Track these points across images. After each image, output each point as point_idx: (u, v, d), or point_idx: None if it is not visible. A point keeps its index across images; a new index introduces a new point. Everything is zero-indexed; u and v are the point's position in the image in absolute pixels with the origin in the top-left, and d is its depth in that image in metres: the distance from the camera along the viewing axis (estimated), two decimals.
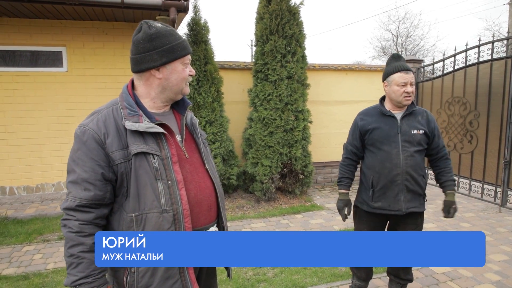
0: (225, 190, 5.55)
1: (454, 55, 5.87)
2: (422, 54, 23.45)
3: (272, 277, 3.22)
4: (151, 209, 1.24)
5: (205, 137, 1.58)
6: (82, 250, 1.20)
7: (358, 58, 52.50)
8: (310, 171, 5.66)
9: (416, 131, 2.35)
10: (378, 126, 2.40)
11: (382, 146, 2.37)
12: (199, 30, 5.27)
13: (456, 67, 5.87)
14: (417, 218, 2.45)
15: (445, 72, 6.11)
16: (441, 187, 2.51)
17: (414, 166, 2.33)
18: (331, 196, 6.03)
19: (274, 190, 5.43)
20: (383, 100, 2.51)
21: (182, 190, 1.29)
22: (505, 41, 5.12)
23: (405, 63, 2.36)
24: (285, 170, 5.48)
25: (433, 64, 6.47)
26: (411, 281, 2.62)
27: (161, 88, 1.34)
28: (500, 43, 5.22)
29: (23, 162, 5.47)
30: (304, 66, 5.62)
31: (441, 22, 39.73)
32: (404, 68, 2.33)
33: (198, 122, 1.60)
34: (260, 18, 5.49)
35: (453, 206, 2.42)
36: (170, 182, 1.27)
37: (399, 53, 23.35)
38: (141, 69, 1.31)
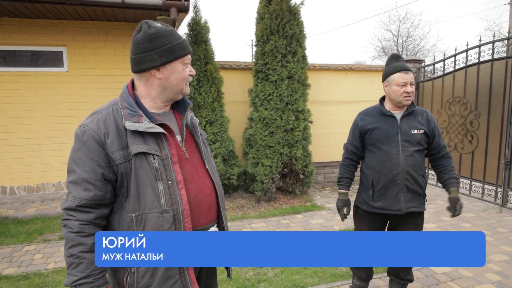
0: (225, 190, 5.55)
1: (455, 55, 5.86)
2: (422, 54, 23.45)
3: (272, 277, 3.22)
4: (151, 209, 1.24)
5: (205, 137, 1.58)
6: (82, 250, 1.20)
7: (358, 58, 52.53)
8: (311, 171, 5.66)
9: (416, 131, 2.35)
10: (378, 126, 2.40)
11: (382, 146, 2.37)
12: (199, 30, 5.27)
13: (456, 67, 5.87)
14: (417, 218, 2.45)
15: (445, 72, 6.11)
16: (444, 186, 2.46)
17: (414, 165, 2.33)
18: (332, 196, 6.03)
19: (274, 190, 5.43)
20: (383, 100, 2.51)
21: (182, 190, 1.29)
22: (505, 41, 5.11)
23: (404, 63, 2.36)
24: (285, 170, 5.48)
25: (433, 64, 6.46)
26: (412, 281, 2.63)
27: (161, 88, 1.34)
28: (500, 43, 5.21)
29: (24, 162, 5.48)
30: (304, 66, 5.62)
31: (441, 22, 39.78)
32: (403, 68, 2.33)
33: (199, 122, 1.61)
34: (260, 18, 5.49)
35: (458, 203, 2.35)
36: (170, 182, 1.27)
37: (400, 53, 23.43)
38: (141, 69, 1.31)
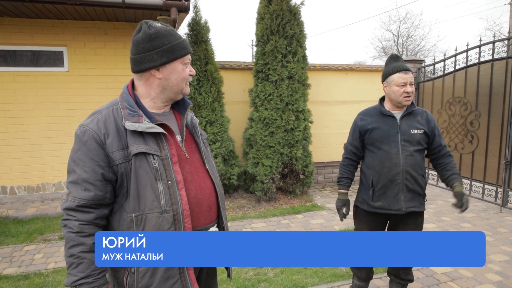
0: (225, 190, 5.55)
1: (455, 55, 5.86)
2: (423, 54, 23.44)
3: (272, 277, 3.22)
4: (151, 209, 1.24)
5: (205, 137, 1.58)
6: (82, 250, 1.20)
7: (358, 58, 52.55)
8: (311, 171, 5.66)
9: (415, 131, 2.35)
10: (377, 126, 2.40)
11: (381, 145, 2.37)
12: (200, 30, 5.27)
13: (457, 67, 5.87)
14: (417, 218, 2.45)
15: (446, 72, 6.10)
16: (447, 182, 2.41)
17: (413, 165, 2.33)
18: (332, 196, 6.02)
19: (274, 190, 5.43)
20: (383, 100, 2.52)
21: (182, 190, 1.29)
22: (506, 41, 5.11)
23: (404, 63, 2.36)
24: (285, 170, 5.48)
25: (434, 64, 6.46)
26: (412, 281, 2.63)
27: (161, 88, 1.34)
28: (501, 43, 5.21)
29: (24, 162, 5.48)
30: (304, 66, 5.62)
31: (442, 22, 39.78)
32: (403, 68, 2.33)
33: (199, 122, 1.60)
34: (260, 18, 5.49)
35: (465, 196, 2.30)
36: (170, 182, 1.27)
37: (400, 53, 23.42)
38: (141, 69, 1.31)
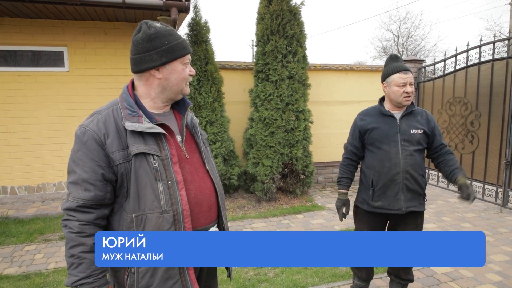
0: (226, 190, 5.55)
1: (455, 55, 5.86)
2: (423, 54, 23.43)
3: (273, 277, 3.22)
4: (151, 209, 1.24)
5: (205, 137, 1.58)
6: (82, 250, 1.21)
7: (359, 58, 52.55)
8: (311, 171, 5.66)
9: (415, 130, 2.36)
10: (377, 125, 2.40)
11: (381, 145, 2.38)
12: (200, 30, 5.27)
13: (457, 67, 5.87)
14: (417, 218, 2.45)
15: (446, 72, 6.10)
16: (450, 177, 2.35)
17: (413, 165, 2.33)
18: (332, 196, 6.02)
19: (275, 190, 5.43)
20: (383, 100, 2.52)
21: (182, 190, 1.29)
22: (506, 41, 5.10)
23: (403, 64, 2.37)
24: (286, 170, 5.48)
25: (434, 64, 6.46)
26: (412, 281, 2.63)
27: (161, 88, 1.34)
28: (501, 43, 5.21)
29: (24, 162, 5.49)
30: (305, 66, 5.62)
31: (442, 22, 39.76)
32: (402, 68, 2.33)
33: (199, 122, 1.61)
34: (261, 18, 5.49)
35: (470, 187, 2.26)
36: (170, 182, 1.27)
37: (400, 53, 23.42)
38: (141, 69, 1.31)
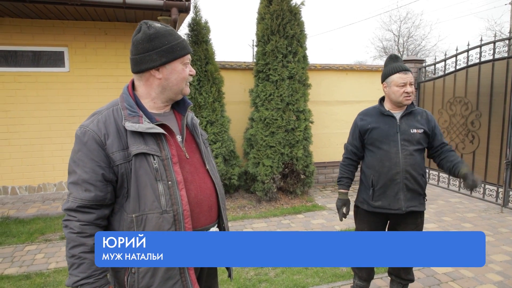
0: (226, 190, 5.55)
1: (456, 55, 5.85)
2: (423, 54, 23.43)
3: (273, 277, 3.22)
4: (151, 209, 1.24)
5: (206, 137, 1.58)
6: (83, 250, 1.21)
7: (359, 58, 52.54)
8: (312, 171, 5.66)
9: (415, 130, 2.36)
10: (377, 125, 2.40)
11: (381, 145, 2.38)
12: (200, 30, 5.27)
13: (457, 67, 5.86)
14: (417, 218, 2.45)
15: (446, 72, 6.09)
16: (453, 171, 2.33)
17: (413, 165, 2.33)
18: (333, 196, 6.02)
19: (275, 190, 5.43)
20: (383, 100, 2.52)
21: (183, 190, 1.29)
22: (506, 41, 5.10)
23: (403, 64, 2.37)
24: (286, 170, 5.48)
25: (434, 64, 6.45)
26: (412, 281, 2.63)
27: (161, 88, 1.34)
28: (502, 43, 5.20)
29: (25, 162, 5.49)
30: (305, 66, 5.61)
31: (442, 22, 39.73)
32: (402, 68, 2.33)
33: (199, 122, 1.61)
34: (261, 19, 5.49)
35: (474, 174, 2.22)
36: (170, 182, 1.27)
37: (401, 53, 23.40)
38: (141, 69, 1.31)
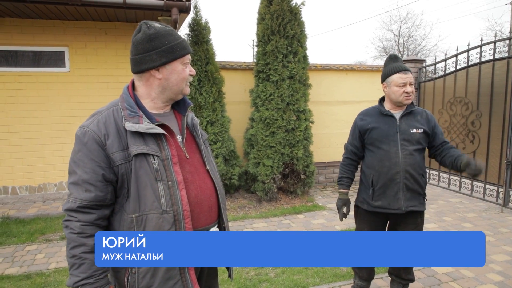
0: (226, 190, 5.55)
1: (456, 55, 5.85)
2: (423, 54, 23.43)
3: (273, 277, 3.22)
4: (152, 210, 1.24)
5: (206, 137, 1.58)
6: (84, 251, 1.21)
7: (359, 58, 52.53)
8: (312, 171, 5.66)
9: (415, 130, 2.36)
10: (377, 125, 2.41)
11: (381, 145, 2.38)
12: (200, 30, 5.27)
13: (458, 67, 5.86)
14: (417, 218, 2.45)
15: (447, 72, 6.09)
16: (455, 164, 2.29)
17: (413, 164, 2.33)
18: (333, 196, 6.02)
19: (275, 190, 5.43)
20: (383, 100, 2.52)
21: (183, 190, 1.29)
22: (507, 41, 5.10)
23: (403, 64, 2.37)
24: (286, 170, 5.48)
25: (435, 64, 6.45)
26: (413, 281, 2.63)
27: (161, 88, 1.34)
28: (502, 43, 5.20)
29: (25, 162, 5.50)
30: (305, 66, 5.61)
31: (442, 22, 39.72)
32: (402, 68, 2.33)
33: (200, 122, 1.61)
34: (261, 19, 5.49)
35: (475, 159, 2.20)
36: (170, 183, 1.27)
37: (401, 53, 23.39)
38: (141, 69, 1.31)
